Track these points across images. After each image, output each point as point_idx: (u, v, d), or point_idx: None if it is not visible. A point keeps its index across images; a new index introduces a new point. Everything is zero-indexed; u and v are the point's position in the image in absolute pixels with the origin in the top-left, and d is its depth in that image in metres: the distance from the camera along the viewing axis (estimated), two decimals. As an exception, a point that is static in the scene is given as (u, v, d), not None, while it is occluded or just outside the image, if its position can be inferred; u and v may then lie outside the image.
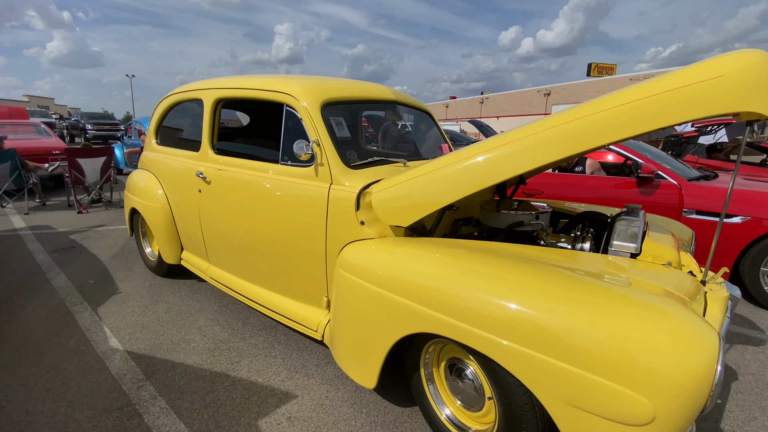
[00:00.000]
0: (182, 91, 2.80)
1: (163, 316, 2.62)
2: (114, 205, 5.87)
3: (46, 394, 1.86)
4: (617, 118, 1.27)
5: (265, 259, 2.23)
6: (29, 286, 3.04)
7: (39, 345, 2.26)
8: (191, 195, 2.59)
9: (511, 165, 1.44)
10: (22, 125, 7.87)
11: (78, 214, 5.33)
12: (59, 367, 2.07)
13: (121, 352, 2.21)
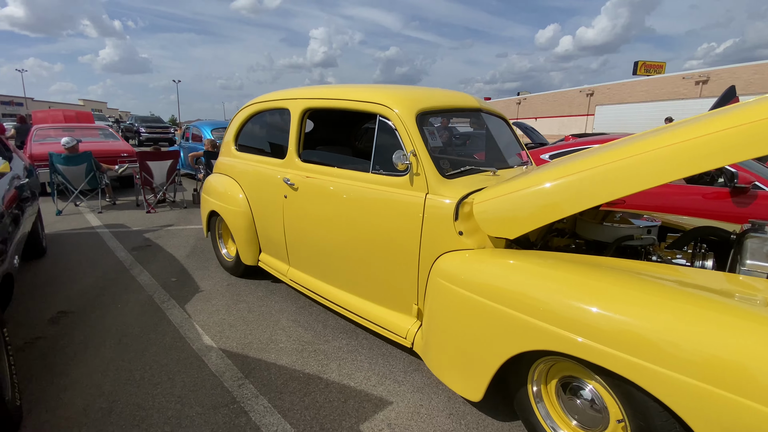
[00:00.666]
0: (266, 101, 2.91)
1: (246, 315, 2.73)
2: (177, 206, 6.19)
3: (154, 389, 1.98)
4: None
5: (351, 265, 2.27)
6: (117, 283, 3.25)
7: (138, 340, 2.41)
8: (275, 200, 2.68)
9: (640, 178, 1.39)
10: (89, 129, 8.46)
11: (146, 213, 5.67)
12: (161, 362, 2.20)
13: (215, 349, 2.32)
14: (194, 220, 5.39)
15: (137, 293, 3.05)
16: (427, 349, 1.86)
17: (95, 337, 2.42)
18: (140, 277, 3.37)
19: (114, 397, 1.91)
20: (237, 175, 3.13)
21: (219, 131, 8.19)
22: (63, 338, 2.41)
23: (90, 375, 2.07)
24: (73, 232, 4.68)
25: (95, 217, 5.46)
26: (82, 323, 2.59)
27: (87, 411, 1.81)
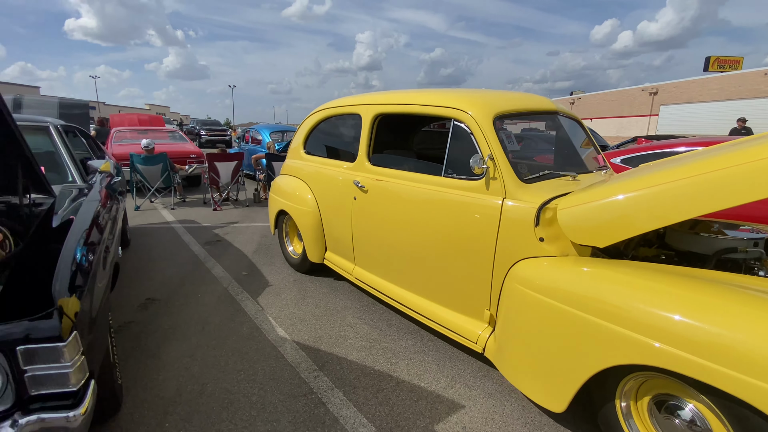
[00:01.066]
0: (335, 106, 3.03)
1: (314, 310, 2.85)
2: (240, 204, 6.58)
3: (238, 375, 2.13)
4: None
5: (420, 267, 2.30)
6: (195, 274, 3.52)
7: (218, 329, 2.60)
8: (344, 202, 2.78)
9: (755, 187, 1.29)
10: (161, 131, 9.21)
11: (213, 210, 6.08)
12: (241, 350, 2.36)
13: (289, 341, 2.44)
14: (257, 217, 5.70)
15: (213, 285, 3.29)
16: (502, 356, 1.85)
17: (181, 324, 2.64)
18: (214, 270, 3.62)
19: (203, 380, 2.08)
20: (306, 177, 3.27)
21: (277, 134, 8.61)
22: (152, 323, 2.66)
23: (179, 358, 2.26)
24: (151, 226, 5.13)
25: (169, 213, 5.94)
26: (167, 310, 2.84)
27: (180, 392, 1.98)
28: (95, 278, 1.46)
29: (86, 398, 1.12)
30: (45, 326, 1.04)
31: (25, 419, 1.01)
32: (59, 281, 1.21)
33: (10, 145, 1.49)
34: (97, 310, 1.43)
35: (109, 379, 1.60)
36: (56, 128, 2.45)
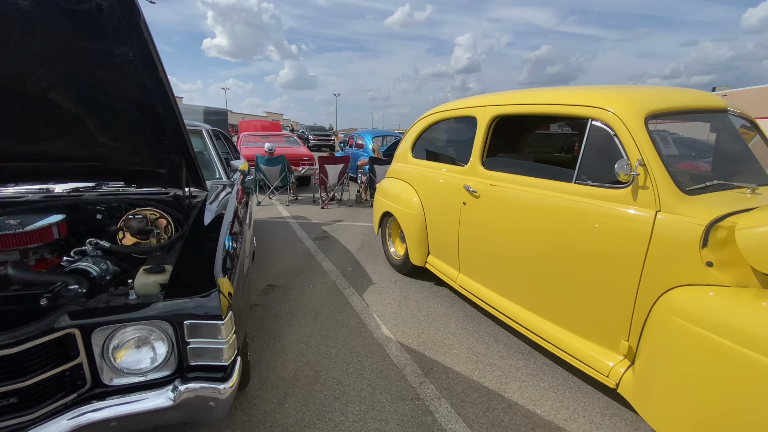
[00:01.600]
0: (448, 109, 2.97)
1: (416, 313, 2.83)
2: (344, 204, 6.98)
3: (348, 368, 2.21)
4: None
5: (540, 283, 2.10)
6: (307, 266, 3.80)
7: (329, 320, 2.75)
8: (452, 206, 2.71)
9: None
10: (278, 136, 10.29)
11: (321, 209, 6.55)
12: (350, 344, 2.44)
13: (394, 341, 2.46)
14: (359, 217, 5.97)
15: (323, 277, 3.51)
16: (645, 398, 1.57)
17: (297, 311, 2.86)
18: (324, 263, 3.87)
19: (317, 367, 2.20)
20: (412, 180, 3.28)
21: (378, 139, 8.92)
22: (273, 307, 2.93)
23: (296, 343, 2.44)
24: (270, 220, 5.72)
25: (284, 209, 6.57)
26: (285, 297, 3.10)
27: (297, 376, 2.13)
28: (243, 263, 1.64)
29: (234, 373, 1.25)
30: (209, 304, 1.18)
31: (184, 386, 1.17)
32: (219, 264, 1.38)
33: (180, 145, 1.76)
34: (244, 291, 1.61)
35: (243, 356, 1.78)
36: (207, 132, 2.88)
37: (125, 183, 2.16)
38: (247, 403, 1.90)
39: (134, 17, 1.09)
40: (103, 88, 1.39)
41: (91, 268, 1.49)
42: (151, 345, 1.18)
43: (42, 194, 2.06)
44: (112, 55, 1.22)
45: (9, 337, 0.97)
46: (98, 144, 1.75)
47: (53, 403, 1.06)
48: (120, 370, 1.16)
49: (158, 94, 1.42)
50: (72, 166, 1.95)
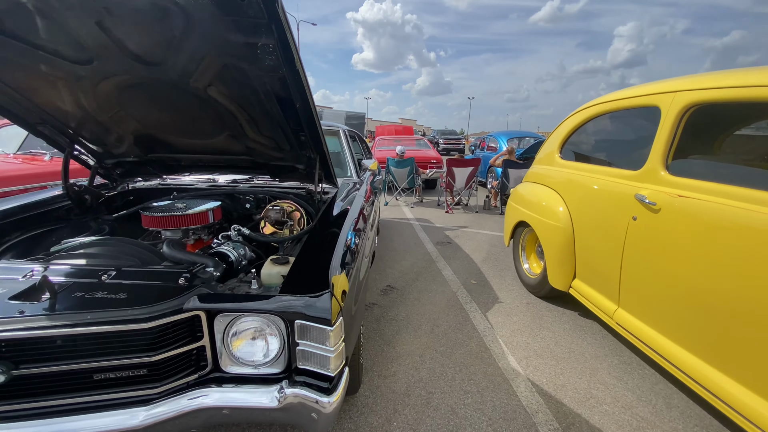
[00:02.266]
0: (616, 99, 2.38)
1: (554, 348, 2.34)
2: (470, 210, 6.61)
3: (465, 397, 1.91)
4: None
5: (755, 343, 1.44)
6: (427, 271, 3.61)
7: (447, 335, 2.48)
8: (614, 220, 2.14)
9: None
10: (410, 139, 10.47)
11: (445, 213, 6.32)
12: (469, 369, 2.14)
13: (523, 377, 2.06)
14: (485, 224, 5.53)
15: (443, 286, 3.27)
16: None
17: (414, 318, 2.69)
18: (444, 271, 3.63)
19: (431, 387, 1.98)
20: (559, 186, 2.77)
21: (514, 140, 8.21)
22: (391, 310, 2.82)
23: (410, 354, 2.26)
24: (394, 221, 5.76)
25: (409, 210, 6.57)
26: (403, 300, 2.97)
27: (409, 392, 1.94)
28: (361, 264, 1.53)
29: (339, 387, 1.12)
30: (319, 306, 1.08)
31: (290, 390, 1.09)
32: (336, 263, 1.28)
33: (315, 141, 1.76)
34: (360, 294, 1.50)
35: (356, 358, 1.68)
36: (344, 132, 2.96)
37: (271, 177, 2.33)
38: (356, 410, 1.80)
39: (272, 3, 1.06)
40: (250, 84, 1.45)
41: (230, 252, 1.58)
42: (265, 338, 1.15)
43: (208, 183, 2.37)
44: (255, 47, 1.24)
45: (144, 313, 1.03)
46: (249, 139, 1.89)
47: (177, 381, 1.10)
48: (236, 359, 1.15)
49: (296, 88, 1.41)
50: (230, 160, 2.18)
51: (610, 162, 2.45)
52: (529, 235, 3.24)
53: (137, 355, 1.04)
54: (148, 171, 2.36)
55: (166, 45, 1.30)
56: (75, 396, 1.04)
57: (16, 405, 1.01)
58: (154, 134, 1.92)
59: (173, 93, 1.57)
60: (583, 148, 2.76)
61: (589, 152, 2.70)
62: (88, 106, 1.66)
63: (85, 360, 1.02)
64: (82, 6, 1.14)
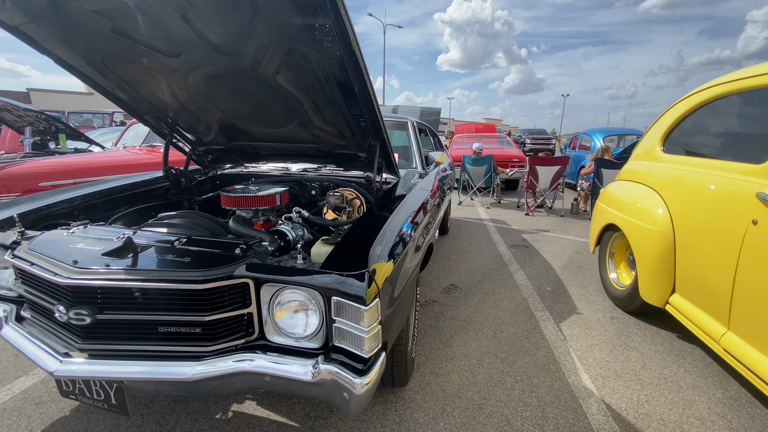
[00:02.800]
0: (740, 78, 1.94)
1: (639, 371, 2.01)
2: (554, 213, 6.06)
3: (524, 410, 1.73)
4: None
5: None
6: (497, 274, 3.39)
7: (511, 342, 2.29)
8: (729, 224, 1.75)
9: None
10: (491, 137, 9.99)
11: (525, 215, 5.89)
12: (533, 380, 1.94)
13: (597, 398, 1.80)
14: (570, 230, 5.02)
15: (513, 291, 3.04)
16: None
17: (475, 320, 2.54)
18: (516, 275, 3.37)
19: (485, 393, 1.84)
20: (660, 184, 2.37)
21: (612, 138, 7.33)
22: (451, 309, 2.70)
23: (467, 356, 2.14)
24: (467, 220, 5.55)
25: (484, 211, 6.27)
26: (466, 301, 2.83)
27: (461, 394, 1.83)
28: (409, 253, 1.48)
29: (373, 370, 1.09)
30: (355, 285, 1.06)
31: (324, 366, 1.08)
32: (379, 246, 1.25)
33: (375, 129, 1.76)
34: (405, 283, 1.45)
35: (404, 350, 1.63)
36: (412, 124, 2.92)
37: (336, 165, 2.40)
38: (403, 404, 1.75)
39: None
40: (312, 69, 1.50)
41: (288, 232, 1.65)
42: (305, 312, 1.17)
43: (281, 171, 2.53)
44: (313, 28, 1.27)
45: (199, 275, 1.11)
46: (314, 127, 1.96)
47: (226, 342, 1.17)
48: (279, 329, 1.19)
49: (354, 70, 1.41)
50: (300, 148, 2.29)
51: (725, 155, 2.02)
52: (619, 240, 2.84)
53: (193, 314, 1.14)
54: (232, 158, 2.60)
55: (238, 34, 1.40)
56: (142, 344, 1.17)
57: (98, 345, 1.17)
58: (234, 123, 2.11)
59: (248, 82, 1.69)
60: (692, 140, 2.32)
61: (699, 144, 2.27)
62: (180, 96, 1.88)
63: (151, 312, 1.15)
64: (169, 0, 1.29)
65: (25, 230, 1.49)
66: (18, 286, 1.35)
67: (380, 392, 1.82)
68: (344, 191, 2.11)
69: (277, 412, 1.68)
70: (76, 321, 1.13)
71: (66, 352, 1.17)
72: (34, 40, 1.55)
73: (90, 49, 1.61)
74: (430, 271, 3.44)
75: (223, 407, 1.69)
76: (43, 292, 1.25)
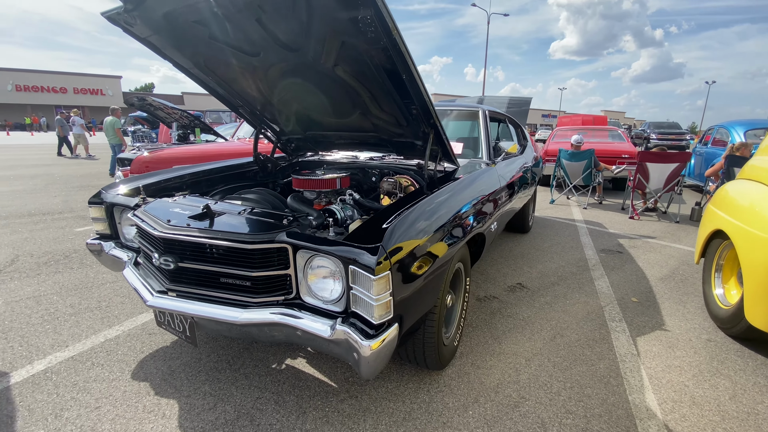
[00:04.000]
0: None
1: (726, 402, 1.69)
2: (667, 218, 5.20)
3: (565, 417, 1.62)
4: None
5: None
6: (574, 278, 3.11)
7: (571, 348, 2.12)
8: None
9: None
10: (600, 130, 8.86)
11: (629, 218, 5.18)
12: (584, 390, 1.78)
13: (659, 423, 1.58)
14: (684, 239, 4.27)
15: (589, 297, 2.76)
16: None
17: (535, 321, 2.40)
18: (598, 281, 3.04)
19: (525, 393, 1.76)
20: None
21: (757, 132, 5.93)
22: (511, 307, 2.59)
23: (516, 355, 2.05)
24: (556, 220, 5.12)
25: (579, 211, 5.69)
26: (530, 301, 2.68)
27: (498, 390, 1.78)
28: (439, 237, 1.51)
29: (380, 336, 1.17)
30: (365, 256, 1.16)
31: (340, 326, 1.20)
32: (401, 225, 1.32)
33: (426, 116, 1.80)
34: (437, 267, 1.48)
35: (435, 334, 1.65)
36: (483, 113, 2.83)
37: (397, 154, 2.50)
38: (436, 387, 1.79)
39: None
40: (363, 60, 1.61)
41: (337, 211, 1.82)
42: (332, 279, 1.30)
43: (350, 159, 2.73)
44: (357, 21, 1.37)
45: (249, 237, 1.33)
46: (373, 116, 2.08)
47: (269, 297, 1.38)
48: (311, 291, 1.35)
49: (399, 58, 1.49)
50: (363, 137, 2.44)
51: None
52: (729, 250, 2.37)
53: (244, 269, 1.36)
54: (309, 147, 2.90)
55: (299, 31, 1.59)
56: (208, 290, 1.45)
57: (179, 287, 1.49)
58: (308, 114, 2.35)
59: (313, 75, 1.89)
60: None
61: None
62: (264, 91, 2.19)
63: (215, 264, 1.42)
64: (246, 7, 1.53)
65: (146, 197, 1.93)
66: (136, 238, 1.77)
67: (416, 372, 1.88)
68: (399, 178, 2.20)
69: (322, 371, 1.87)
70: (165, 266, 1.46)
71: (160, 290, 1.51)
72: (158, 48, 1.98)
73: (195, 53, 1.98)
74: (497, 267, 3.32)
75: (279, 359, 1.96)
76: (148, 242, 1.63)
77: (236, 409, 1.63)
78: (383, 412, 1.62)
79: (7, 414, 1.58)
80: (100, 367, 1.89)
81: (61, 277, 2.97)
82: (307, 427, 1.53)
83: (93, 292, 2.71)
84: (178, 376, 1.83)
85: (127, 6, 1.68)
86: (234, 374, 1.85)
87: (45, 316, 2.37)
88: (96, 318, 2.35)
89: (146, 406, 1.63)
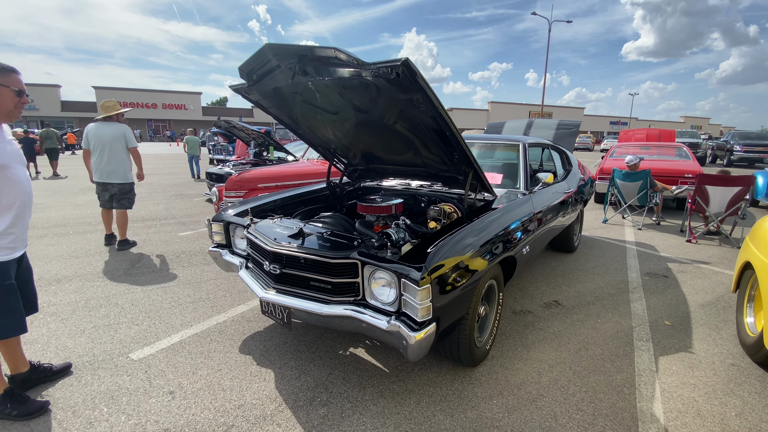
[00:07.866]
0: None
1: (730, 418, 1.91)
2: (730, 243, 5.03)
3: (575, 413, 1.95)
4: None
5: None
6: (612, 299, 3.31)
7: (591, 359, 2.41)
8: None
9: None
10: (666, 147, 8.45)
11: (686, 242, 5.10)
12: (597, 394, 2.09)
13: (660, 427, 1.86)
14: (741, 266, 4.18)
15: (621, 317, 2.98)
16: None
17: (564, 335, 2.70)
18: (635, 303, 3.23)
19: (543, 392, 2.11)
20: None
21: None
22: (544, 322, 2.90)
23: (541, 361, 2.39)
24: (605, 241, 5.19)
25: (633, 232, 5.67)
26: (563, 318, 2.96)
27: (520, 387, 2.14)
28: (472, 258, 1.95)
29: (422, 331, 1.64)
30: (413, 273, 1.64)
31: (394, 321, 1.69)
32: (442, 248, 1.79)
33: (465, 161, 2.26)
34: (469, 283, 1.92)
35: (468, 335, 2.08)
36: (523, 145, 3.20)
37: (442, 184, 2.96)
38: (468, 379, 2.21)
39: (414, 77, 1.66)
40: (415, 120, 2.12)
41: (393, 233, 2.32)
42: (388, 287, 1.80)
43: (403, 186, 3.24)
44: (412, 100, 1.88)
45: (331, 254, 1.88)
46: (423, 156, 2.58)
47: (343, 297, 1.91)
48: (373, 295, 1.86)
49: (442, 124, 1.97)
50: (415, 170, 2.95)
51: None
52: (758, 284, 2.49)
53: (327, 276, 1.92)
54: (370, 176, 3.46)
55: (369, 101, 2.14)
56: (302, 290, 2.03)
57: (281, 287, 2.08)
58: (371, 152, 2.91)
59: (378, 127, 2.44)
60: None
61: None
62: (338, 135, 2.79)
63: (307, 272, 1.99)
64: (333, 86, 2.11)
65: (253, 218, 2.60)
66: (247, 248, 2.43)
67: (453, 367, 2.31)
68: (444, 206, 2.66)
69: (377, 359, 2.38)
70: (273, 271, 2.07)
71: (267, 288, 2.13)
72: (265, 107, 2.66)
73: (291, 110, 2.63)
74: (536, 285, 3.61)
75: (344, 347, 2.50)
76: (259, 253, 2.26)
77: (315, 380, 2.19)
78: (424, 394, 2.08)
79: (160, 369, 2.29)
80: (216, 342, 2.57)
81: (177, 272, 3.82)
82: (367, 397, 2.04)
83: (202, 286, 3.49)
84: (271, 353, 2.45)
85: (249, 83, 2.36)
86: (311, 355, 2.42)
87: (172, 302, 3.16)
88: (207, 306, 3.09)
89: (252, 372, 2.25)
